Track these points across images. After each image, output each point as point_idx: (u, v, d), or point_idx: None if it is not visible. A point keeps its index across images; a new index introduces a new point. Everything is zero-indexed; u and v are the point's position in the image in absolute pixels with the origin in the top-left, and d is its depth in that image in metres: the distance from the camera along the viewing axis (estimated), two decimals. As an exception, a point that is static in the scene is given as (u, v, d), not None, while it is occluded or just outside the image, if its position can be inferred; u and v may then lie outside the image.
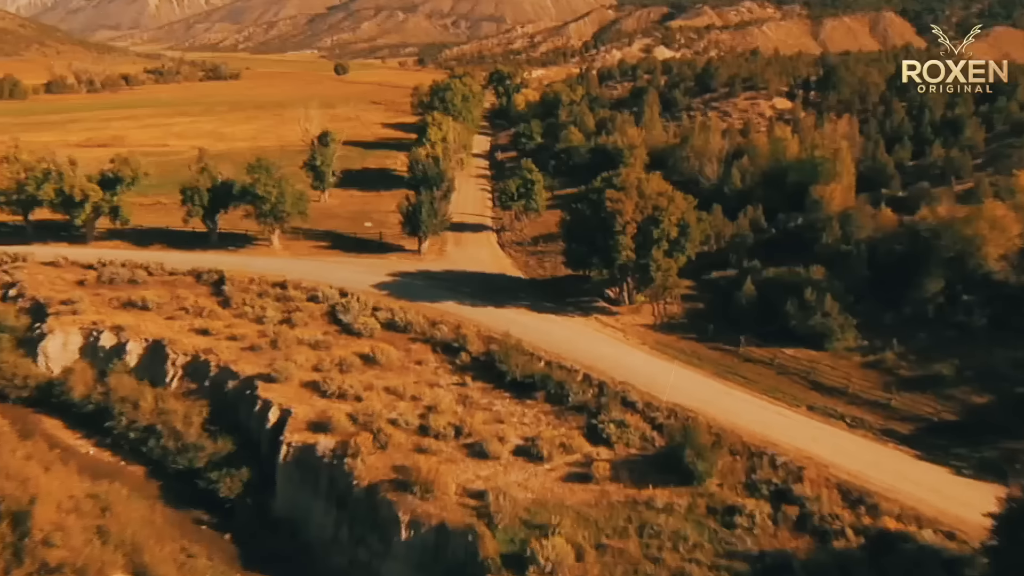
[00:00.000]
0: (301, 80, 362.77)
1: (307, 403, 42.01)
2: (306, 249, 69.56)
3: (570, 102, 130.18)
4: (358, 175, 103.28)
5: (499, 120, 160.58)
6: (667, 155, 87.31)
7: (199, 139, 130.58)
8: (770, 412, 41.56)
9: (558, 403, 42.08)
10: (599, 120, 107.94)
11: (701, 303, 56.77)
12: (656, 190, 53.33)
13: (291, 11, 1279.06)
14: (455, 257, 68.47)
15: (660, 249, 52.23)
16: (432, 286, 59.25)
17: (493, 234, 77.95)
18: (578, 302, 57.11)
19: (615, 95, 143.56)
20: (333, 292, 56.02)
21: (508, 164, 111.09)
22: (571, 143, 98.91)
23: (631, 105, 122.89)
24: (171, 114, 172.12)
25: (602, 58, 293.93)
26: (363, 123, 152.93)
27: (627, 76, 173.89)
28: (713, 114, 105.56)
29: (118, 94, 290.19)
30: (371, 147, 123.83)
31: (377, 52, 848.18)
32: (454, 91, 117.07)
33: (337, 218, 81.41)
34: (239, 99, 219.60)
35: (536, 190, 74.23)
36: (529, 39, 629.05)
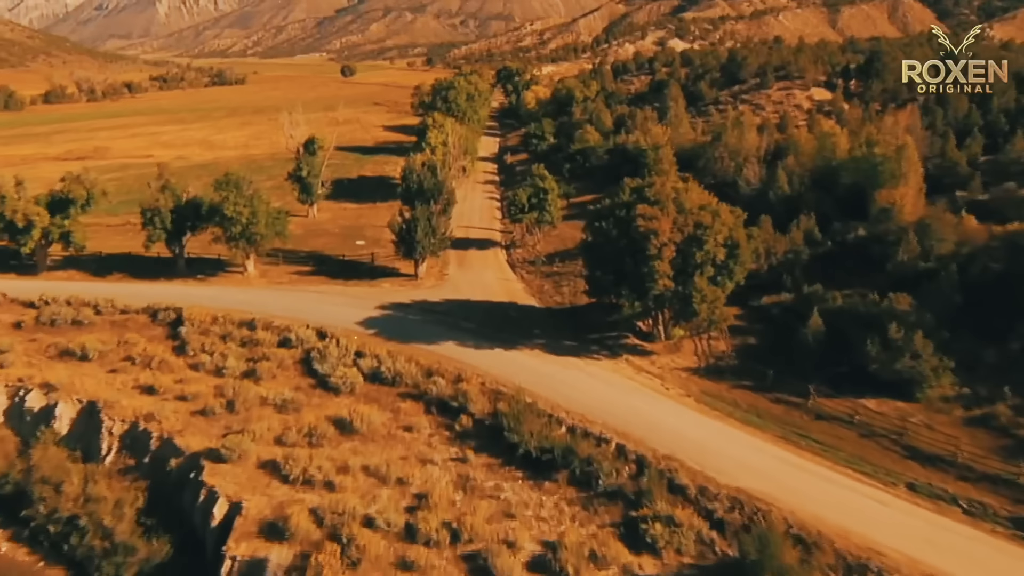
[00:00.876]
0: (306, 83, 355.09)
1: (263, 492, 32.75)
2: (286, 276, 60.37)
3: (584, 98, 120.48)
4: (353, 184, 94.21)
5: (508, 120, 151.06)
6: (696, 155, 77.57)
7: (187, 148, 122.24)
8: (861, 496, 31.89)
9: (585, 487, 32.68)
10: (617, 117, 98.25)
11: (752, 336, 47.07)
12: (697, 203, 43.67)
13: (299, 15, 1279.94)
14: (458, 281, 59.04)
15: (704, 275, 42.60)
16: (429, 321, 49.89)
17: (502, 251, 68.49)
18: (603, 338, 47.59)
19: (632, 90, 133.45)
20: (309, 333, 46.78)
21: (518, 168, 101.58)
22: (587, 144, 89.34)
23: (651, 100, 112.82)
24: (164, 122, 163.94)
25: (614, 52, 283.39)
26: (363, 126, 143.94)
27: (643, 69, 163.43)
28: (744, 107, 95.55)
29: (118, 102, 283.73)
30: (369, 152, 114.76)
31: (386, 53, 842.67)
32: (458, 90, 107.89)
33: (325, 236, 72.27)
34: (239, 104, 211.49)
35: (550, 200, 64.81)
36: (538, 36, 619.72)
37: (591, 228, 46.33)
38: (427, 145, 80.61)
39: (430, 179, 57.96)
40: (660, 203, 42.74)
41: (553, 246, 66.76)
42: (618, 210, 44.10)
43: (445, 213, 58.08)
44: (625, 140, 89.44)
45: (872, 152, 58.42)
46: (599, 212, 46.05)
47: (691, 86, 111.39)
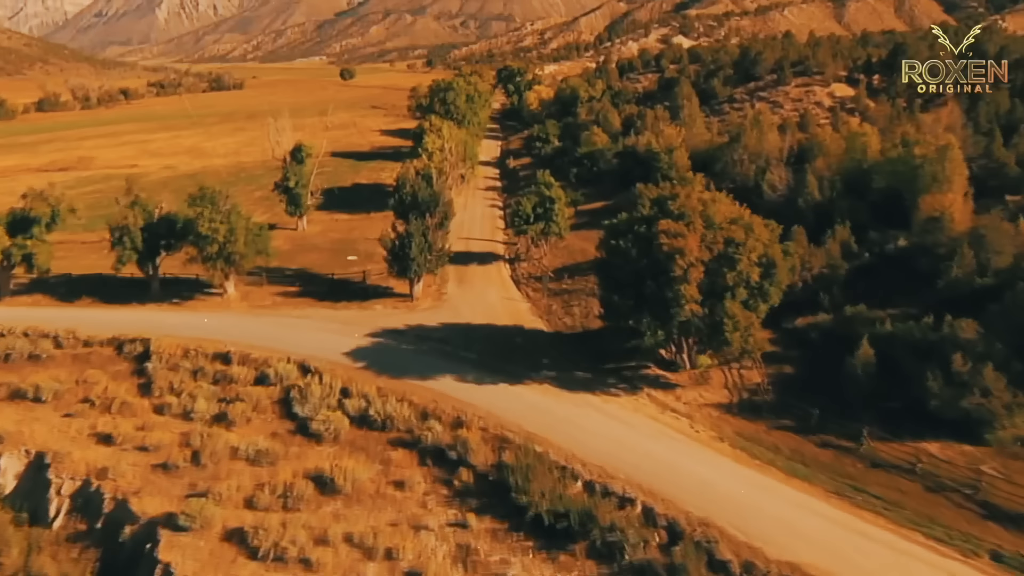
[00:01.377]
0: (304, 86, 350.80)
1: (226, 571, 27.62)
2: (269, 298, 55.25)
3: (589, 98, 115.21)
4: (346, 193, 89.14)
5: (510, 122, 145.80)
6: (713, 158, 72.32)
7: (175, 156, 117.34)
8: (937, 570, 26.63)
9: (607, 560, 27.59)
10: (625, 118, 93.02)
11: (787, 365, 41.79)
12: (727, 215, 38.46)
13: (299, 18, 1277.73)
14: (457, 302, 53.87)
15: (736, 298, 37.39)
16: (425, 351, 44.74)
17: (505, 266, 63.34)
18: (621, 369, 42.40)
19: (640, 89, 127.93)
20: (290, 368, 41.74)
21: (521, 173, 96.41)
22: (595, 146, 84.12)
23: (660, 99, 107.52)
24: (155, 129, 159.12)
25: (617, 50, 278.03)
26: (359, 130, 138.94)
27: (650, 67, 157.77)
28: (761, 106, 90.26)
29: (113, 109, 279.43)
30: (365, 158, 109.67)
31: (386, 56, 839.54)
32: (457, 91, 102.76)
33: (315, 252, 67.18)
34: (234, 109, 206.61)
35: (557, 209, 59.64)
36: (539, 36, 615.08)
37: (606, 246, 41.10)
38: (423, 151, 75.52)
39: (425, 190, 52.78)
40: (685, 217, 37.52)
41: (561, 260, 61.58)
42: (637, 225, 38.84)
43: (442, 227, 52.92)
44: (635, 142, 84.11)
45: (910, 153, 53.06)
46: (615, 228, 40.79)
47: (703, 84, 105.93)
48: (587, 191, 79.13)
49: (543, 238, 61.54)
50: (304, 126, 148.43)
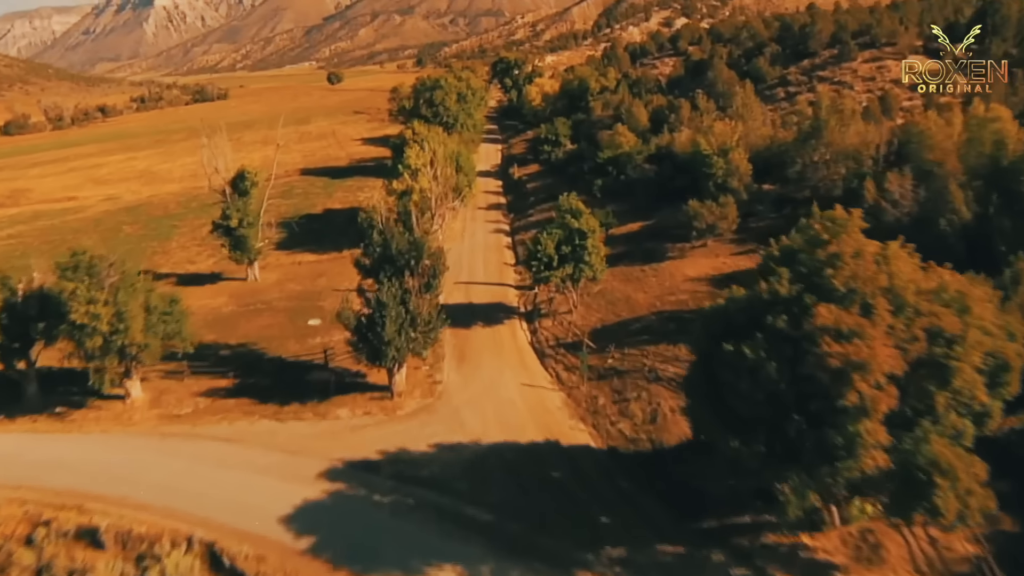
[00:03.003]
0: (289, 94, 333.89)
1: None
2: (190, 401, 38.71)
3: (601, 90, 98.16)
4: (316, 224, 72.59)
5: (510, 121, 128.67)
6: (781, 159, 55.58)
7: (124, 183, 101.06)
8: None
9: None
10: (653, 111, 76.09)
11: (1008, 516, 25.02)
12: (917, 284, 21.78)
13: (287, 25, 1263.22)
14: (457, 397, 37.24)
15: (944, 431, 20.77)
16: (410, 508, 28.22)
17: (521, 325, 46.71)
18: (728, 528, 25.85)
19: (661, 75, 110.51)
20: (187, 564, 25.18)
21: (530, 185, 79.50)
22: (620, 149, 67.27)
23: (688, 86, 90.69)
24: (114, 149, 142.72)
25: (618, 37, 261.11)
26: (338, 140, 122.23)
27: (666, 50, 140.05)
28: (824, 88, 73.47)
29: (85, 129, 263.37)
30: (341, 175, 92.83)
31: (376, 57, 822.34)
32: (446, 89, 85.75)
33: (266, 314, 50.61)
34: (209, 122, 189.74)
35: (590, 246, 42.86)
36: (531, 28, 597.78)
37: (701, 350, 24.28)
38: (404, 168, 58.77)
39: (402, 237, 36.08)
40: (856, 296, 20.82)
41: (598, 314, 44.85)
42: (766, 313, 22.00)
43: (430, 288, 36.28)
44: (670, 141, 67.31)
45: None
46: (716, 315, 24.08)
47: (744, 64, 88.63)
48: (616, 206, 62.39)
49: (572, 284, 44.76)
50: (277, 138, 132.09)
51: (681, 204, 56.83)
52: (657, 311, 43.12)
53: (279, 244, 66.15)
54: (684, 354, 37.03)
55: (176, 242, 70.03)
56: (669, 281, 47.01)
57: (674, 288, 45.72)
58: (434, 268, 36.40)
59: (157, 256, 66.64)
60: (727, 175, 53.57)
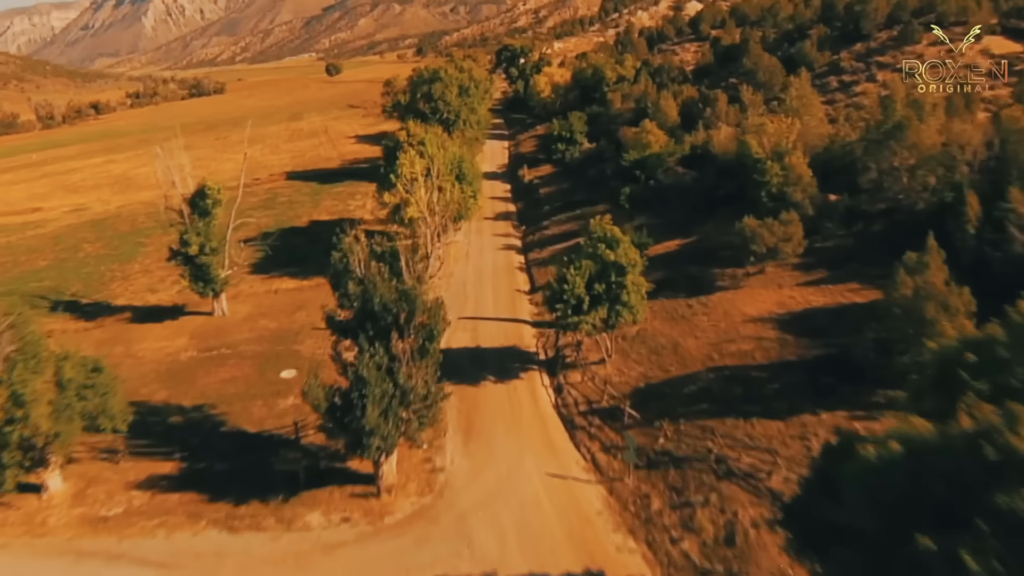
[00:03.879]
0: (285, 87, 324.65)
1: None
2: (122, 496, 29.89)
3: (618, 79, 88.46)
4: (299, 239, 63.43)
5: (516, 114, 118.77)
6: (847, 164, 46.15)
7: (96, 190, 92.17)
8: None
9: None
10: (683, 105, 66.43)
11: None
12: None
13: (286, 16, 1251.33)
14: (464, 500, 28.21)
15: None
16: None
17: (541, 378, 37.47)
18: None
19: (684, 62, 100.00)
20: None
21: (543, 190, 69.98)
22: (648, 150, 57.82)
23: (720, 76, 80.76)
24: (94, 152, 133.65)
25: (625, 22, 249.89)
26: (331, 138, 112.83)
27: (685, 35, 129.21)
28: (886, 76, 63.53)
29: (75, 127, 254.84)
30: (331, 179, 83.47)
31: (376, 48, 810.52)
32: (446, 81, 76.12)
33: (231, 361, 41.63)
34: (200, 119, 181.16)
35: (629, 284, 33.55)
36: (533, 15, 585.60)
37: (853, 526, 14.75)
38: (396, 179, 49.46)
39: (389, 289, 26.84)
40: None
41: (640, 367, 35.67)
42: (989, 483, 12.59)
43: (425, 355, 27.11)
44: (706, 140, 57.98)
45: None
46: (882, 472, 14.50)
47: (786, 50, 78.15)
48: (647, 219, 53.12)
49: (605, 329, 35.52)
50: (266, 137, 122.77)
51: (726, 217, 47.58)
52: (715, 365, 33.92)
53: (255, 266, 57.06)
54: (760, 434, 27.93)
55: (139, 264, 61.03)
56: (724, 322, 37.77)
57: (732, 332, 36.48)
58: (431, 328, 27.18)
59: (115, 283, 57.65)
60: (784, 184, 44.21)
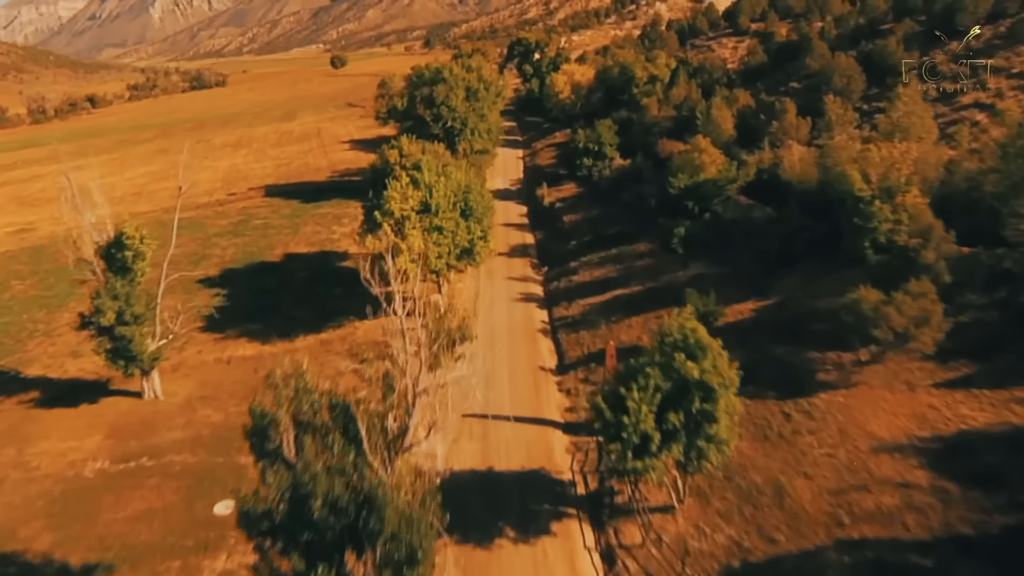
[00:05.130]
0: (289, 79, 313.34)
1: None
2: None
3: (650, 79, 76.32)
4: (269, 280, 51.71)
5: (531, 117, 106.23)
6: (969, 202, 34.41)
7: (51, 204, 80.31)
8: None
9: None
10: (740, 114, 54.26)
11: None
12: None
13: (294, 7, 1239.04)
14: None
15: None
16: None
17: (583, 535, 25.90)
18: None
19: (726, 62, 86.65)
20: None
21: (566, 216, 57.80)
22: (702, 175, 45.94)
23: (776, 78, 68.00)
24: (68, 154, 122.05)
25: (643, 14, 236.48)
26: (323, 143, 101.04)
27: (722, 29, 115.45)
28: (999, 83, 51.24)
29: (67, 121, 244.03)
30: (317, 196, 71.57)
31: (384, 39, 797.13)
32: (451, 83, 63.70)
33: (153, 481, 30.34)
34: (191, 115, 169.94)
35: (719, 411, 21.78)
36: (544, 6, 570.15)
37: None
38: (383, 217, 37.71)
39: (335, 484, 15.02)
40: None
41: (731, 527, 24.04)
42: None
43: None
44: (773, 161, 46.21)
45: None
46: None
47: (862, 47, 65.07)
48: (706, 266, 41.45)
49: (681, 472, 23.87)
50: (252, 140, 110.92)
51: (814, 270, 36.17)
52: (845, 537, 22.34)
53: (207, 319, 45.54)
54: None
55: (69, 313, 49.56)
56: (844, 447, 26.15)
57: (860, 470, 24.90)
58: (411, 548, 15.46)
59: (34, 340, 46.33)
60: (894, 230, 32.52)
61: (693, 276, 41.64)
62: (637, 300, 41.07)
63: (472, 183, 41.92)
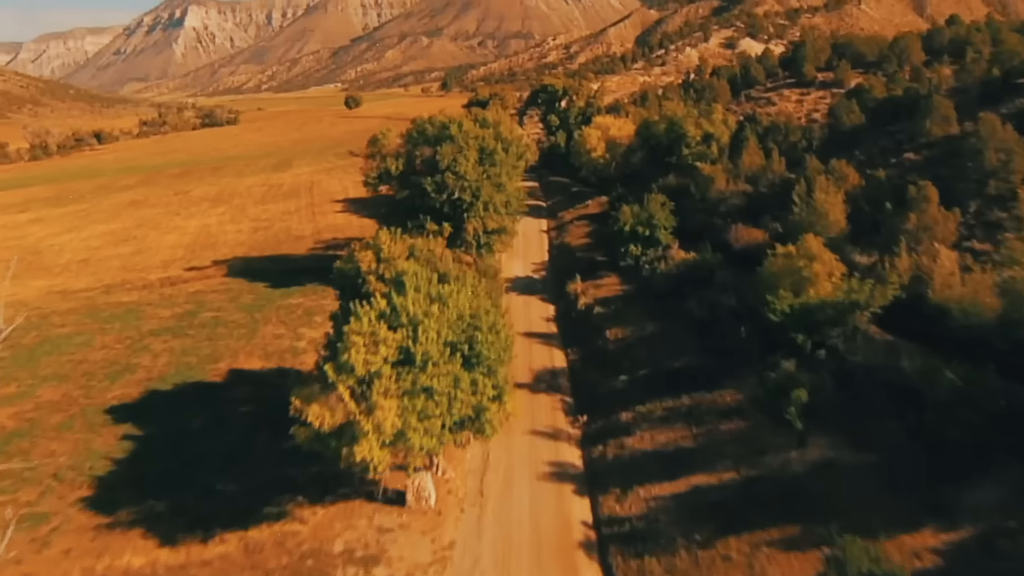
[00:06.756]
0: (299, 119, 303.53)
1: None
2: None
3: (703, 138, 62.44)
4: (199, 413, 37.10)
5: (555, 175, 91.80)
6: None
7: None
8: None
9: None
10: (851, 198, 39.78)
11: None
12: None
13: (314, 46, 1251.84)
14: None
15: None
16: None
17: None
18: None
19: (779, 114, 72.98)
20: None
21: (609, 330, 42.77)
22: (812, 286, 31.52)
23: (880, 146, 53.76)
24: (34, 201, 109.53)
25: (673, 59, 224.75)
26: (313, 201, 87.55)
27: (778, 79, 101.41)
28: None
29: (68, 158, 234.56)
30: (291, 278, 56.94)
31: (402, 80, 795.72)
32: (459, 142, 49.55)
33: None
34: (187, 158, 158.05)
35: None
36: (564, 50, 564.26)
37: None
38: (338, 376, 23.38)
39: None
40: None
41: None
42: None
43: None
44: (916, 272, 31.80)
45: None
46: None
47: (1007, 102, 50.75)
48: (833, 447, 26.78)
49: None
50: (235, 194, 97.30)
51: None
52: None
53: (99, 485, 31.21)
54: None
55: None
56: None
57: None
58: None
59: None
60: None
61: (815, 465, 26.90)
62: (731, 503, 26.37)
63: (482, 307, 27.58)
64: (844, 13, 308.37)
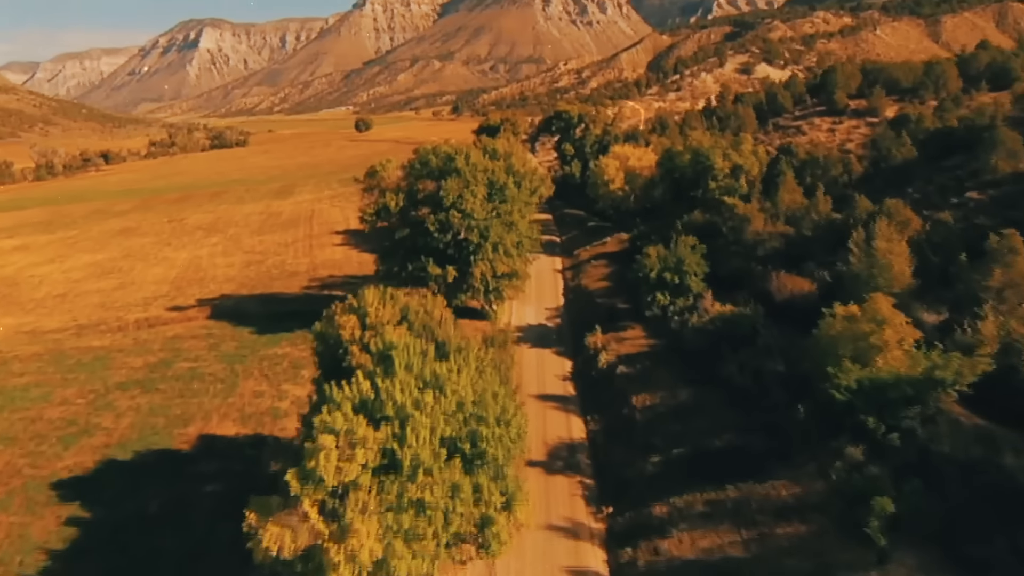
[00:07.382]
0: (308, 142, 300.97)
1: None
2: None
3: (732, 171, 57.50)
4: (163, 485, 31.92)
5: (570, 207, 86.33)
6: None
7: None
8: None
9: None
10: (915, 246, 34.59)
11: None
12: None
13: (327, 69, 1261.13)
14: None
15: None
16: None
17: None
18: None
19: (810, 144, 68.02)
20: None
21: (634, 396, 37.08)
22: (881, 355, 26.19)
23: (936, 184, 48.11)
24: (25, 226, 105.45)
25: (688, 85, 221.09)
26: (312, 232, 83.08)
27: (804, 103, 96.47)
28: None
29: (72, 179, 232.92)
30: (279, 322, 52.12)
31: (413, 103, 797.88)
32: (467, 175, 44.80)
33: None
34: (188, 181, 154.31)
35: None
36: (576, 75, 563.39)
37: None
38: (303, 488, 18.25)
39: None
40: None
41: None
42: None
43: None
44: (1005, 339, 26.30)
45: None
46: None
47: None
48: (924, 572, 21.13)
49: None
50: (231, 223, 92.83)
51: None
52: None
53: None
54: None
55: None
56: None
57: None
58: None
59: None
60: None
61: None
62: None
63: (488, 390, 22.39)
64: (860, 39, 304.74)
